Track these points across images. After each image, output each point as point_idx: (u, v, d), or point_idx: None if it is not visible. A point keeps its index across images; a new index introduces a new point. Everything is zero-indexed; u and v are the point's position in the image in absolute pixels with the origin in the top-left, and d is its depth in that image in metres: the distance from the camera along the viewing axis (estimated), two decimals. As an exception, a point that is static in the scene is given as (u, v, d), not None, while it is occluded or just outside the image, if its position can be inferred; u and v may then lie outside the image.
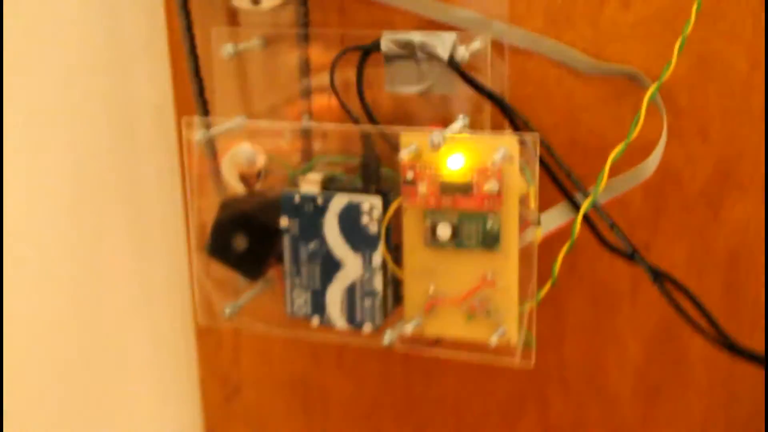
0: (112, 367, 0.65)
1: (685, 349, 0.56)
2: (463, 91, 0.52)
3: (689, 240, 0.54)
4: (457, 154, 0.49)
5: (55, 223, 0.59)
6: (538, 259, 0.50)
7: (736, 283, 0.54)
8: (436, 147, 0.48)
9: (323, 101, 0.57)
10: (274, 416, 0.69)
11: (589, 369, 0.59)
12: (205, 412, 0.72)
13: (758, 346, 0.52)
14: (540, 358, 0.55)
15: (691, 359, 0.56)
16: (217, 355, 0.70)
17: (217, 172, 0.58)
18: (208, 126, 0.55)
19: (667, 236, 0.54)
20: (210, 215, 0.57)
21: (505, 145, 0.48)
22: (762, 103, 0.50)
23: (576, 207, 0.51)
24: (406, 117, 0.55)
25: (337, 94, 0.53)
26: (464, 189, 0.49)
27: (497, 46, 0.53)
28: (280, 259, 0.56)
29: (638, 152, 0.51)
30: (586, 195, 0.50)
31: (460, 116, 0.52)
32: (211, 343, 0.70)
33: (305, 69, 0.57)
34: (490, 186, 0.48)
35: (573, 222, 0.50)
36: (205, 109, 0.59)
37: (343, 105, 0.54)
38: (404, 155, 0.49)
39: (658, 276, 0.50)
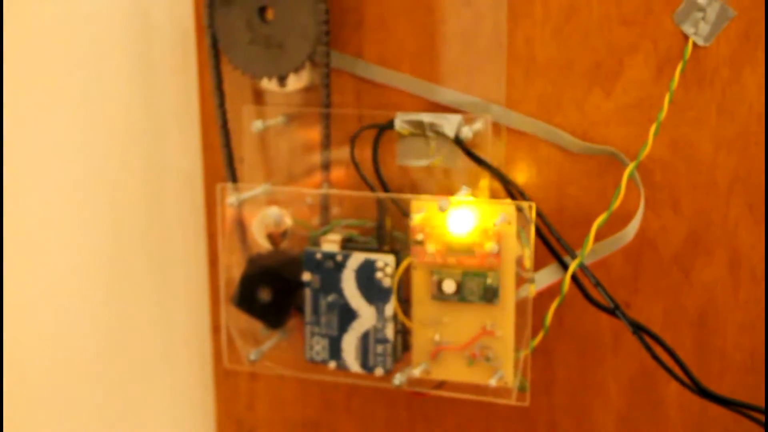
0: (134, 410, 0.66)
1: (661, 394, 0.58)
2: (464, 165, 0.56)
3: (664, 298, 0.57)
4: (462, 219, 0.53)
5: (90, 277, 0.61)
6: (532, 312, 0.53)
7: (705, 337, 0.57)
8: (443, 210, 0.52)
9: (340, 172, 0.60)
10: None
11: (576, 412, 0.61)
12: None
13: (725, 392, 0.55)
14: (532, 402, 0.57)
15: (666, 403, 0.59)
16: (234, 399, 0.71)
17: (243, 233, 0.61)
18: (238, 191, 0.59)
19: (645, 294, 0.57)
20: (237, 271, 0.60)
21: (504, 211, 0.52)
22: (727, 179, 0.54)
23: (565, 267, 0.55)
24: (412, 188, 0.58)
25: (356, 165, 0.58)
26: (467, 249, 0.53)
27: (496, 127, 0.56)
28: (299, 309, 0.59)
29: (619, 221, 0.54)
30: (573, 257, 0.54)
31: (463, 187, 0.56)
32: (229, 388, 0.71)
33: (326, 143, 0.60)
34: (491, 247, 0.53)
35: (562, 280, 0.54)
36: (234, 177, 0.62)
37: (361, 175, 0.58)
38: (415, 219, 0.53)
39: (638, 329, 0.54)
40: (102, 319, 0.63)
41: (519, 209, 0.53)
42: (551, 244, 0.56)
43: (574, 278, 0.54)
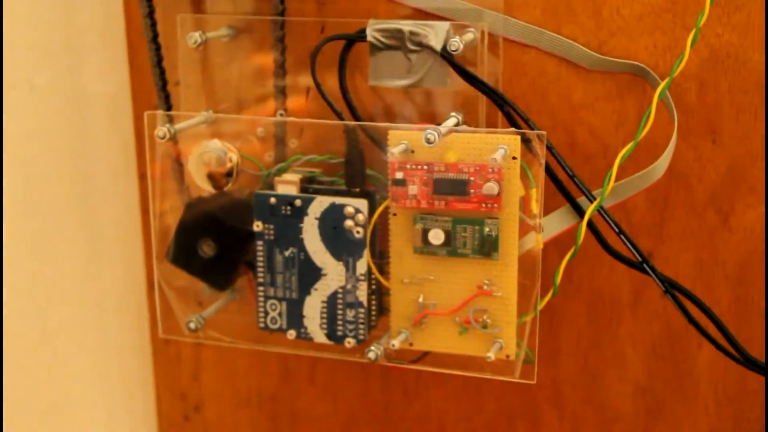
0: (58, 382, 0.64)
1: (689, 363, 0.55)
2: (453, 86, 0.51)
3: (696, 247, 0.53)
4: (454, 152, 0.47)
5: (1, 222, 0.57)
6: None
7: (745, 294, 0.53)
8: (430, 142, 0.46)
9: (298, 97, 0.56)
10: (238, 436, 0.68)
11: (585, 385, 0.57)
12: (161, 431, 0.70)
13: None
14: (533, 374, 0.55)
15: (696, 375, 0.55)
16: (176, 370, 0.68)
17: (181, 172, 0.57)
18: (172, 121, 0.53)
19: (672, 243, 0.53)
20: (173, 219, 0.57)
21: (506, 144, 0.46)
22: None
23: (578, 211, 0.49)
24: (388, 115, 0.54)
25: (319, 86, 0.51)
26: (460, 191, 0.47)
27: (491, 39, 0.52)
28: (250, 267, 0.54)
29: (644, 154, 0.50)
30: (590, 199, 0.48)
31: (452, 114, 0.51)
32: (169, 357, 0.68)
33: (281, 61, 0.55)
34: (489, 187, 0.46)
35: (574, 228, 0.48)
36: (167, 104, 0.58)
37: (325, 98, 0.52)
38: (393, 153, 0.48)
39: (671, 287, 0.47)
40: (17, 275, 0.58)
41: (524, 140, 0.46)
42: (562, 184, 0.50)
43: (590, 225, 0.49)
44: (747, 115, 0.50)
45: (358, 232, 0.50)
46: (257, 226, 0.52)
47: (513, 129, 0.47)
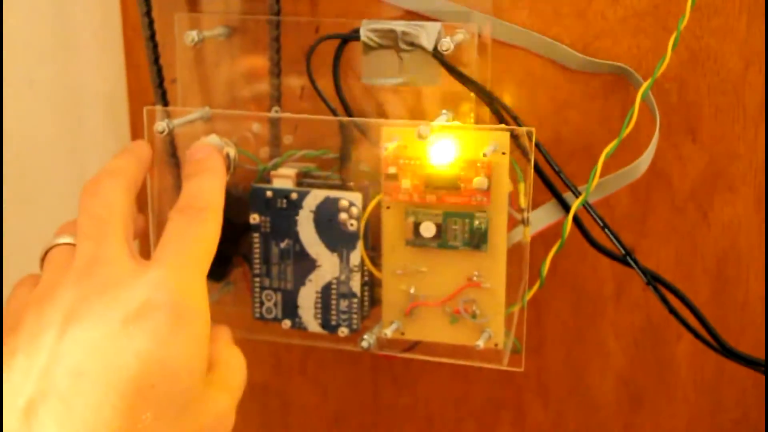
0: None
1: (670, 354, 0.55)
2: (444, 85, 0.51)
3: (677, 242, 0.53)
4: (445, 148, 0.47)
5: None
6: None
7: (724, 287, 0.53)
8: (422, 137, 0.46)
9: (293, 94, 0.55)
10: (228, 427, 0.66)
11: (569, 375, 0.57)
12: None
13: (745, 350, 0.50)
14: (519, 364, 0.54)
15: (676, 363, 0.55)
16: None
17: (177, 167, 0.55)
18: (170, 116, 0.52)
19: (654, 238, 0.53)
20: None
21: (496, 139, 0.46)
22: (757, 102, 0.50)
23: (564, 206, 0.50)
24: (379, 112, 0.54)
25: (313, 84, 0.51)
26: (451, 185, 0.47)
27: (480, 40, 0.51)
28: (245, 258, 0.54)
29: (627, 151, 0.50)
30: (576, 194, 0.49)
31: (444, 111, 0.51)
32: None
33: (276, 59, 0.55)
34: (479, 182, 0.46)
35: (560, 222, 0.49)
36: (164, 101, 0.57)
37: (320, 95, 0.52)
38: (387, 148, 0.48)
39: (653, 279, 0.48)
40: (18, 269, 0.54)
41: (514, 136, 0.47)
42: (549, 179, 0.50)
43: (575, 219, 0.49)
44: (725, 115, 0.50)
45: (352, 225, 0.49)
46: (254, 218, 0.51)
47: (503, 125, 0.47)
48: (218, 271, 0.54)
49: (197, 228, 0.41)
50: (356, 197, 0.49)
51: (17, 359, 0.34)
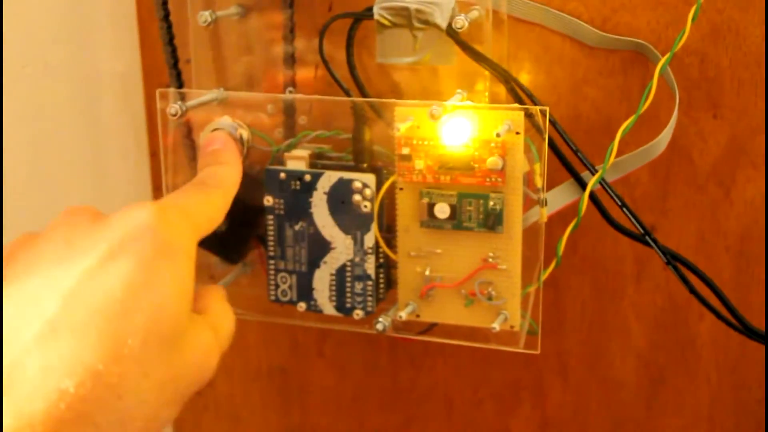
0: None
1: (692, 334, 0.54)
2: (459, 63, 0.50)
3: (698, 220, 0.52)
4: (459, 128, 0.46)
5: (11, 204, 0.56)
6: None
7: (746, 266, 0.52)
8: (435, 118, 0.45)
9: (307, 74, 0.55)
10: (249, 408, 0.67)
11: (589, 355, 0.57)
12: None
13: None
14: (538, 345, 0.54)
15: (698, 344, 0.55)
16: None
17: (192, 149, 0.55)
18: (183, 98, 0.52)
19: (674, 216, 0.52)
20: None
21: (510, 119, 0.45)
22: None
23: (582, 185, 0.49)
24: (394, 92, 0.53)
25: (326, 64, 0.51)
26: (465, 166, 0.47)
27: (496, 16, 0.50)
28: (261, 241, 0.54)
29: (646, 128, 0.49)
30: (593, 172, 0.48)
31: (458, 91, 0.50)
32: None
33: (289, 39, 0.54)
34: (494, 162, 0.46)
35: (577, 202, 0.48)
36: (179, 81, 0.57)
37: (333, 76, 0.51)
38: (400, 129, 0.47)
39: (672, 258, 0.47)
40: None
41: (528, 115, 0.46)
42: (565, 158, 0.49)
43: (593, 198, 0.48)
44: (748, 90, 0.49)
45: (365, 207, 0.49)
46: (268, 200, 0.51)
47: (516, 104, 0.46)
48: (235, 253, 0.55)
49: (201, 195, 0.41)
50: (369, 178, 0.49)
51: (11, 288, 0.34)
